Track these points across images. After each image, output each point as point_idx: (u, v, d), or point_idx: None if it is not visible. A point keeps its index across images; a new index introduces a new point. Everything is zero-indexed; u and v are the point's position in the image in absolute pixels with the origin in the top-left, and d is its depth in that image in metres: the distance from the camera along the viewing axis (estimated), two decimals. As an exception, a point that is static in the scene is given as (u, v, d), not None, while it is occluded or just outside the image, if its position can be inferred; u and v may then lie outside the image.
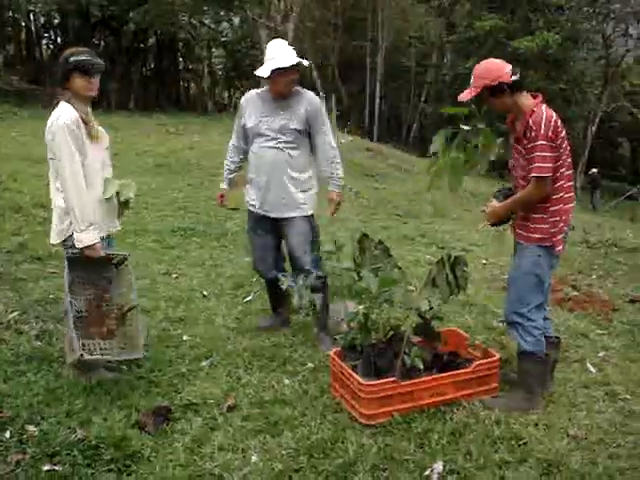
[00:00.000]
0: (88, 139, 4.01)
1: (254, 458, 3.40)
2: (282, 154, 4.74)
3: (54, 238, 4.13)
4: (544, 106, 3.86)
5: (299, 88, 4.80)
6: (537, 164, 3.75)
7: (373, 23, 30.94)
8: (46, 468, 3.22)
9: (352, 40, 33.18)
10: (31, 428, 3.54)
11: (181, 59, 38.23)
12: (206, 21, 31.77)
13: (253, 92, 4.96)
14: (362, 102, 32.41)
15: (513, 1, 28.16)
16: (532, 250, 3.92)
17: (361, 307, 4.14)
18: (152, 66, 33.50)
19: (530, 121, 3.79)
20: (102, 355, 4.10)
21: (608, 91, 32.49)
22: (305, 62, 4.70)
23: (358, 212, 11.01)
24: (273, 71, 4.54)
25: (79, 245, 3.90)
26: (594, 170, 28.11)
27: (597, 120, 32.27)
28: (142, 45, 32.08)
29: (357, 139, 20.89)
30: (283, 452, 3.45)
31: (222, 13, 31.32)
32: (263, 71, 4.58)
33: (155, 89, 31.68)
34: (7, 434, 3.47)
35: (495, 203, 4.09)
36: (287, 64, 4.53)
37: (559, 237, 3.90)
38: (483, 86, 3.86)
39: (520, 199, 3.95)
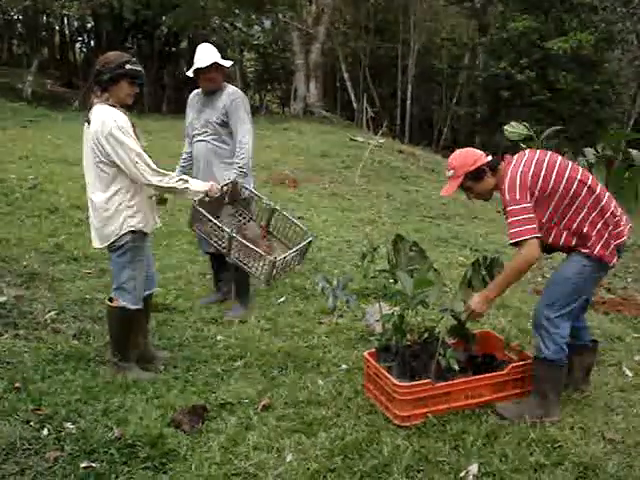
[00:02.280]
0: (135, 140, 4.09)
1: (289, 457, 3.41)
2: (209, 146, 5.35)
3: (99, 242, 4.17)
4: (511, 165, 3.84)
5: (227, 85, 5.40)
6: (512, 230, 3.72)
7: (405, 25, 30.77)
8: (83, 465, 3.27)
9: (383, 42, 33.08)
10: (69, 426, 3.59)
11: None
12: (238, 24, 31.87)
13: (195, 91, 5.55)
14: (393, 104, 32.30)
15: (547, 2, 27.89)
16: (579, 257, 3.81)
17: (396, 308, 4.14)
18: (184, 69, 33.73)
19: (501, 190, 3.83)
20: (277, 265, 4.47)
21: (643, 92, 32.08)
22: (225, 63, 5.28)
23: (391, 214, 10.99)
24: (195, 71, 5.22)
25: (199, 196, 4.35)
26: (629, 172, 27.73)
27: (631, 122, 31.85)
28: (174, 49, 32.31)
29: (389, 141, 20.82)
30: (318, 452, 3.46)
31: (253, 16, 31.42)
32: (189, 72, 5.30)
33: (188, 92, 31.88)
34: (45, 431, 3.53)
35: (475, 295, 3.95)
36: (204, 64, 5.15)
37: (608, 251, 3.77)
38: (464, 174, 3.88)
39: (511, 272, 3.83)
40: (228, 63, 5.36)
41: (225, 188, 4.75)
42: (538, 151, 3.96)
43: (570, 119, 27.90)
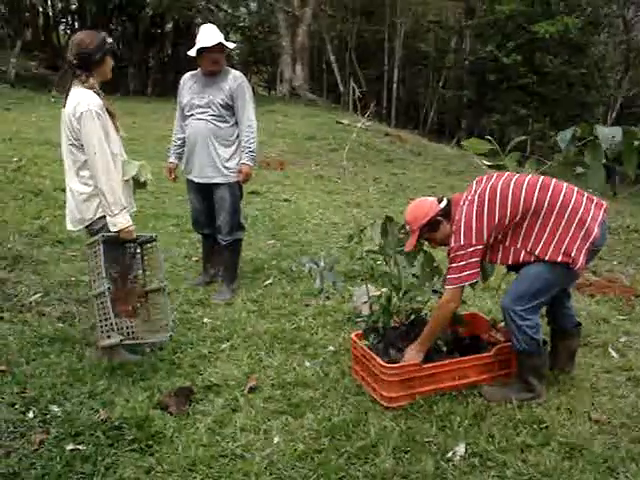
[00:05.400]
0: (113, 127, 4.04)
1: (276, 439, 3.41)
2: (210, 125, 5.30)
3: (73, 225, 4.16)
4: (459, 207, 3.80)
5: (227, 67, 5.43)
6: (449, 275, 3.74)
7: (391, 8, 30.63)
8: (69, 448, 3.25)
9: (370, 25, 32.94)
10: (54, 408, 3.59)
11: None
12: (223, 6, 31.63)
13: (188, 74, 5.51)
14: (380, 87, 32.21)
15: (533, -15, 27.88)
16: (546, 263, 3.69)
17: (384, 290, 4.14)
18: (169, 52, 33.46)
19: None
20: (129, 334, 4.15)
21: (629, 76, 32.14)
22: (229, 44, 5.32)
23: (377, 197, 10.99)
24: (198, 51, 5.18)
25: (114, 229, 3.96)
26: (607, 157, 27.70)
27: (617, 105, 31.95)
28: (159, 30, 32.03)
29: (375, 124, 20.77)
30: (305, 433, 3.46)
31: (239, -2, 31.24)
32: (192, 52, 5.24)
33: (173, 74, 31.68)
34: (31, 414, 3.52)
35: (410, 349, 3.93)
36: (209, 44, 5.12)
37: (572, 255, 3.62)
38: (418, 228, 3.85)
39: (435, 322, 3.86)
40: (232, 45, 5.45)
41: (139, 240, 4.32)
42: (493, 177, 3.86)
43: (556, 103, 27.96)
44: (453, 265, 3.72)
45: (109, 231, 4.01)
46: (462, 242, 3.68)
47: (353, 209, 9.52)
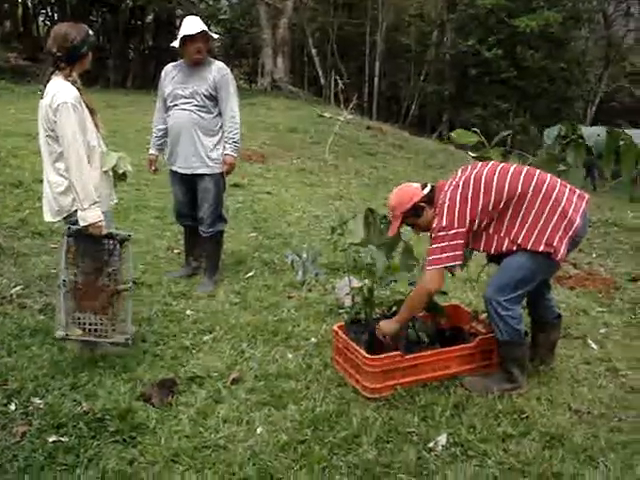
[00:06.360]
0: (91, 121, 4.01)
1: (259, 430, 3.42)
2: (193, 115, 5.28)
3: (51, 216, 4.12)
4: (443, 192, 3.83)
5: (211, 58, 5.42)
6: (430, 257, 3.74)
7: (373, 1, 30.67)
8: (52, 439, 3.24)
9: (351, 18, 32.94)
10: (36, 400, 3.57)
11: (179, 36, 37.58)
12: (204, -2, 31.49)
13: (170, 64, 5.50)
14: (361, 80, 32.25)
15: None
16: (529, 252, 3.72)
17: (366, 282, 4.15)
18: (150, 44, 33.22)
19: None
20: (89, 331, 4.05)
21: (608, 71, 32.39)
22: (213, 34, 5.35)
23: (359, 190, 11.01)
24: (182, 39, 5.14)
25: (83, 223, 3.90)
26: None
27: (597, 100, 32.20)
28: (140, 22, 31.78)
29: (357, 117, 20.79)
30: (288, 424, 3.47)
31: (220, -10, 31.10)
32: (175, 43, 5.23)
33: (153, 67, 31.48)
34: (12, 406, 3.51)
35: (386, 322, 3.98)
36: (192, 32, 5.10)
37: (554, 245, 3.65)
38: (401, 214, 3.88)
39: (412, 302, 3.88)
40: (215, 35, 5.43)
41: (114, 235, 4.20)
42: (478, 165, 3.90)
43: (537, 97, 28.16)
44: (434, 246, 3.72)
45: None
46: (444, 223, 3.69)
47: (335, 202, 9.54)
